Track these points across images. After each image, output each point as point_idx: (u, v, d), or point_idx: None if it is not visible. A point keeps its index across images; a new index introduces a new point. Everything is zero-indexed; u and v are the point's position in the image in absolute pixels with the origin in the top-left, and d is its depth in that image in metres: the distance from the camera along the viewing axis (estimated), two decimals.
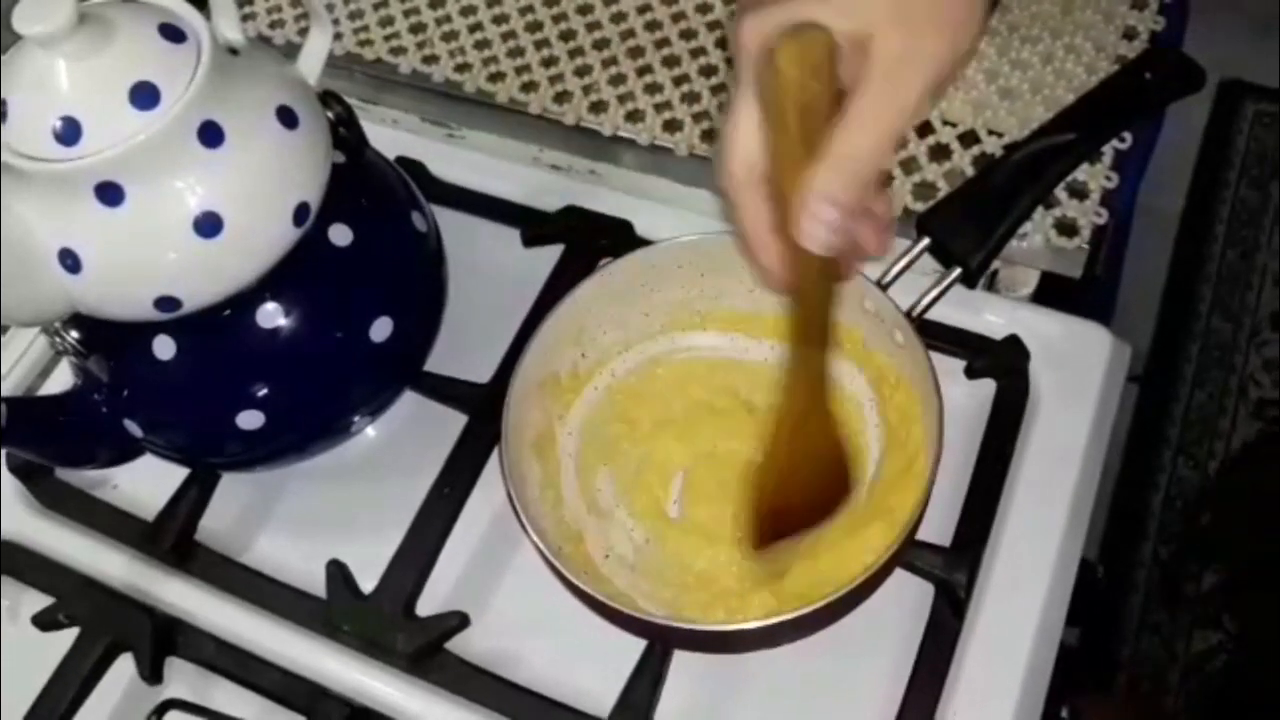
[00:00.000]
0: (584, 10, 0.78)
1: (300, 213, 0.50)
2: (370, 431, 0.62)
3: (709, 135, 0.70)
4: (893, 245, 0.48)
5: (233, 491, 0.61)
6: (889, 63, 0.39)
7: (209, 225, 0.47)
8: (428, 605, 0.55)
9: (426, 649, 0.54)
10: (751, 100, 0.42)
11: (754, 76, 0.41)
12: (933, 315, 0.56)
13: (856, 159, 0.40)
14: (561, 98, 0.74)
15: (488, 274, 0.65)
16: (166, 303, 0.49)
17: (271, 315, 0.52)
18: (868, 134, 0.39)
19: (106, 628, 0.56)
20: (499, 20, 0.78)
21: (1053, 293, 0.64)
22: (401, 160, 0.67)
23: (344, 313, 0.55)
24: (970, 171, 0.65)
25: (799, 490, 0.50)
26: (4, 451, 0.63)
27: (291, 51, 0.57)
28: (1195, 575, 1.30)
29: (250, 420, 0.54)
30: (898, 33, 0.39)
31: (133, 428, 0.54)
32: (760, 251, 0.44)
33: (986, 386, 0.58)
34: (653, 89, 0.73)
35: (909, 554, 0.51)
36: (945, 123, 0.67)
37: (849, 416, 0.57)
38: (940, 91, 0.43)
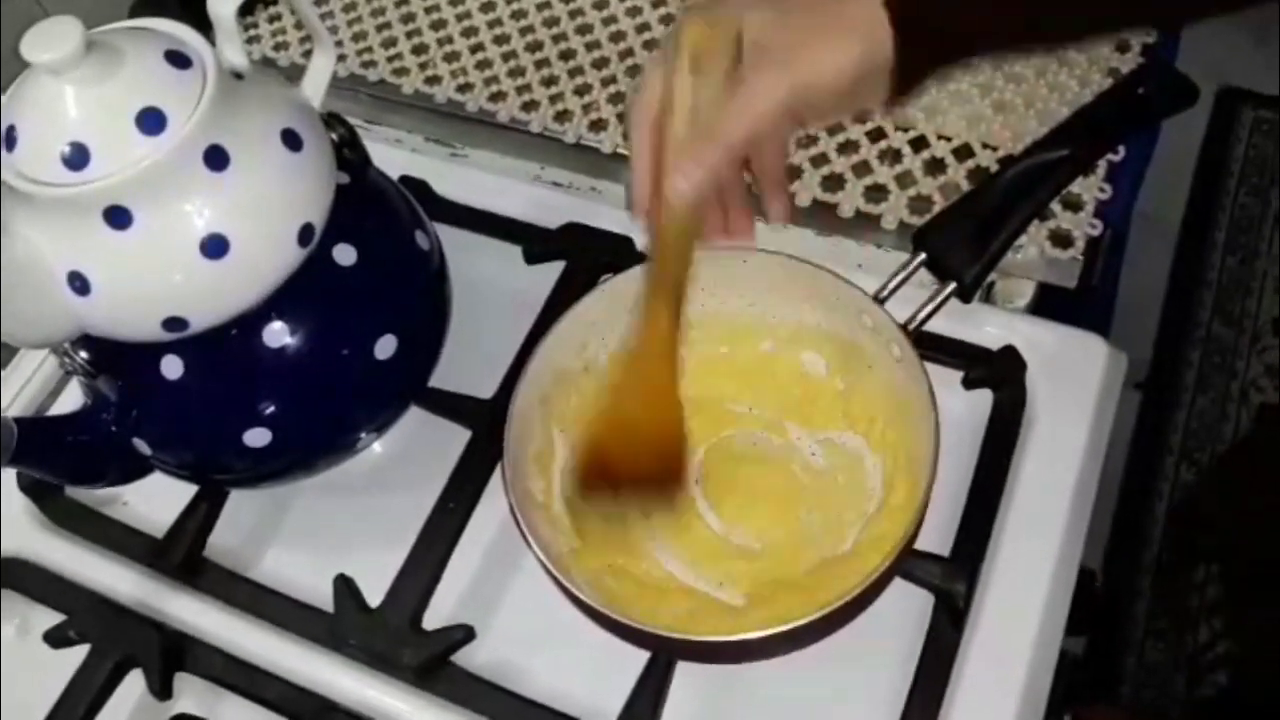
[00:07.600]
0: (583, 30, 0.79)
1: (305, 233, 0.51)
2: (376, 447, 0.62)
3: None
4: (753, 232, 0.52)
5: (241, 508, 0.62)
6: (756, 65, 0.45)
7: (215, 247, 0.48)
8: (434, 619, 0.56)
9: (433, 662, 0.54)
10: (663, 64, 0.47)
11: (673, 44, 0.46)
12: (930, 327, 0.56)
13: (716, 140, 0.45)
14: (562, 116, 0.74)
15: (491, 291, 0.65)
16: (174, 323, 0.50)
17: (277, 334, 0.53)
18: (733, 122, 0.45)
19: (116, 644, 0.57)
20: (500, 40, 0.79)
21: (1050, 303, 0.64)
22: (405, 179, 0.68)
23: (349, 331, 0.55)
24: (965, 185, 0.66)
25: (632, 451, 0.51)
26: (14, 470, 0.63)
27: (296, 73, 0.58)
28: (1199, 582, 1.31)
29: (257, 438, 0.54)
30: (776, 36, 0.44)
31: (141, 446, 0.55)
32: (636, 181, 0.48)
33: (984, 397, 0.59)
34: None
35: (908, 564, 0.52)
36: (940, 137, 0.68)
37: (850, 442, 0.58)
38: (848, 109, 0.50)
